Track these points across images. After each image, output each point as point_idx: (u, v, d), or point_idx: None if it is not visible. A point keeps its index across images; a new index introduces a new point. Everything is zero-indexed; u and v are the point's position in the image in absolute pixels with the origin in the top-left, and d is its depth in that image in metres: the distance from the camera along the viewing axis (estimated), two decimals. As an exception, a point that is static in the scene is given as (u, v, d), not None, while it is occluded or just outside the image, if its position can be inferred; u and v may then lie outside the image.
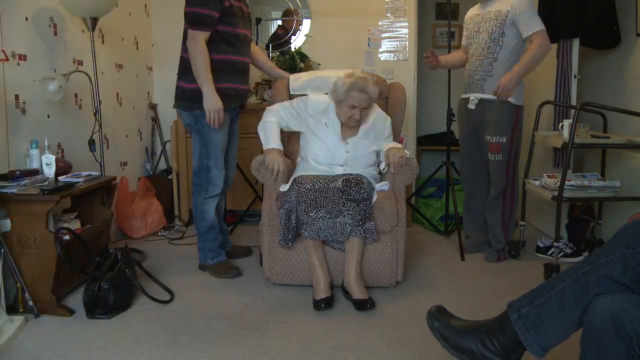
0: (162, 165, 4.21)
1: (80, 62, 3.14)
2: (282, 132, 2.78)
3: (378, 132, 2.74)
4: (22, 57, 2.62)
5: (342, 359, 1.96)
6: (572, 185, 2.71)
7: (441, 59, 3.14)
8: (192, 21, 2.57)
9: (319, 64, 3.99)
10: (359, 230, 2.44)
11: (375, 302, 2.41)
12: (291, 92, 3.03)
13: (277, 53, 4.09)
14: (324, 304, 2.37)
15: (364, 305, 2.36)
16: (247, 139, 3.45)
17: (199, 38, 2.56)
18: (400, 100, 2.97)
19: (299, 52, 3.97)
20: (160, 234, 3.63)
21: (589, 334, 1.31)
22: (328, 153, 2.67)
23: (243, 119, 3.10)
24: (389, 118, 2.82)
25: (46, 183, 2.37)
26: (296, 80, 3.05)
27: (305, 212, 2.41)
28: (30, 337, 2.12)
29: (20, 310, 2.27)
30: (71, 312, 2.32)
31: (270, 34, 4.23)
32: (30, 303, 2.25)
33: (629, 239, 1.36)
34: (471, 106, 3.03)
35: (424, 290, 2.63)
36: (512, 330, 1.47)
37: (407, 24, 4.04)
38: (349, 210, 2.42)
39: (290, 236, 2.48)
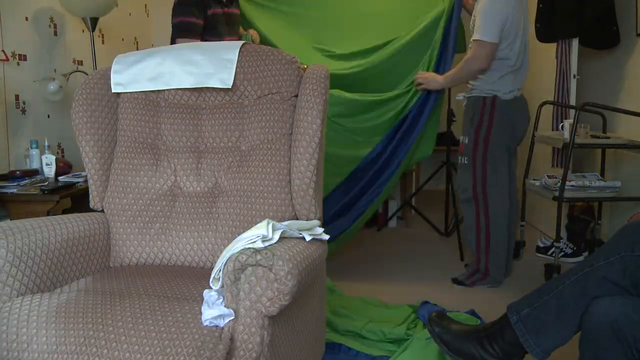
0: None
1: (80, 62, 3.14)
2: None
3: None
4: (22, 57, 2.62)
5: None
6: (572, 186, 2.71)
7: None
8: (180, 29, 2.51)
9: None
10: None
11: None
12: None
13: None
14: None
15: None
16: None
17: None
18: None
19: None
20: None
21: (588, 337, 1.31)
22: None
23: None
24: None
25: (46, 183, 2.37)
26: None
27: None
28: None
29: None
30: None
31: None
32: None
33: (628, 241, 1.36)
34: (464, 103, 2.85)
35: (423, 292, 2.64)
36: (512, 333, 1.47)
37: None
38: None
39: None
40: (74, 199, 2.68)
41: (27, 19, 2.66)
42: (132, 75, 1.83)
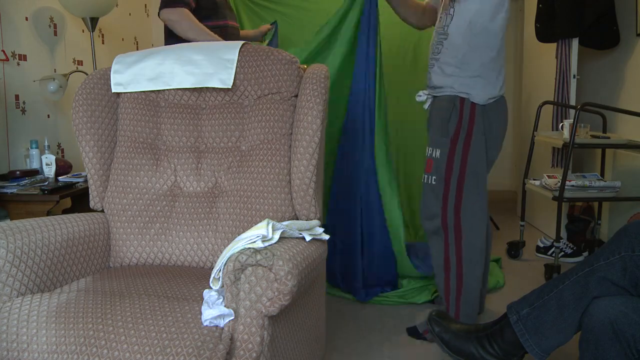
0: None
1: (80, 62, 3.14)
2: None
3: None
4: (22, 57, 2.62)
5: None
6: (572, 186, 2.71)
7: None
8: (165, 3, 2.30)
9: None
10: None
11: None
12: None
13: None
14: None
15: None
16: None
17: (178, 15, 2.26)
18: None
19: None
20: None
21: (588, 337, 1.31)
22: None
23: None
24: None
25: (46, 183, 2.37)
26: None
27: None
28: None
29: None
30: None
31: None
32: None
33: (628, 241, 1.36)
34: (424, 106, 2.21)
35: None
36: (512, 333, 1.47)
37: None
38: None
39: None
40: (74, 199, 2.69)
41: (27, 19, 2.67)
42: (132, 75, 1.83)
